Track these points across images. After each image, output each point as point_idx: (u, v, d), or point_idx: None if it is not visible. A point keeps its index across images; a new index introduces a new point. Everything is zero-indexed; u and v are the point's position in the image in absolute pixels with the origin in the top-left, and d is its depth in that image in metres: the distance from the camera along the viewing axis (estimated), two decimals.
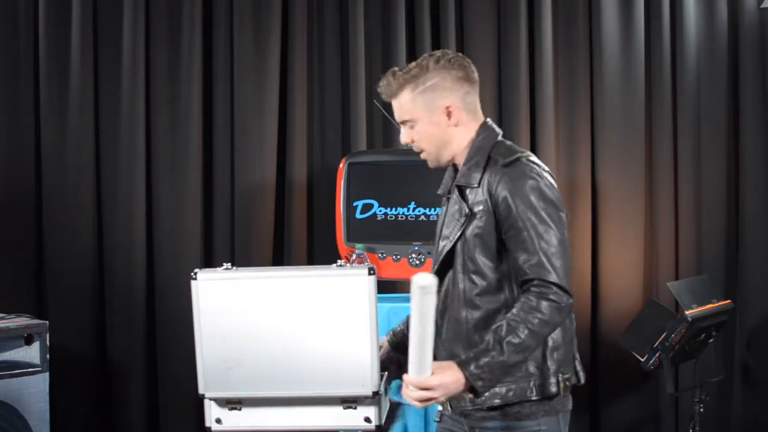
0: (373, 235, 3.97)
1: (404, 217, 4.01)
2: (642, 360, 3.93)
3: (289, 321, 2.62)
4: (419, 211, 4.00)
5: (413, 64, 2.35)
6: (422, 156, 2.38)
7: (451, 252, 2.31)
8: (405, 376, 2.15)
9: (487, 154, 2.32)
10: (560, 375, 2.26)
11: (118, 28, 4.26)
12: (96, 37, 4.28)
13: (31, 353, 3.58)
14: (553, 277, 2.17)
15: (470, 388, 2.15)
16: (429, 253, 3.88)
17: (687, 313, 3.85)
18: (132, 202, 4.26)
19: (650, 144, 4.53)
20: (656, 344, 3.89)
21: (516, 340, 2.14)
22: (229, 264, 3.61)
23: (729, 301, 4.19)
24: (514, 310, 2.18)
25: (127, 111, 4.26)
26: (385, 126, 4.40)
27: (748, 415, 4.46)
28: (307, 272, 3.05)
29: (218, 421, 3.43)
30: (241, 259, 4.17)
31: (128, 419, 4.27)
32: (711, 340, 4.11)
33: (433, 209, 3.96)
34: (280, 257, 4.39)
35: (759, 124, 4.46)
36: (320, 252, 4.37)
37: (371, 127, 4.43)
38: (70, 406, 4.18)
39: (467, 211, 2.28)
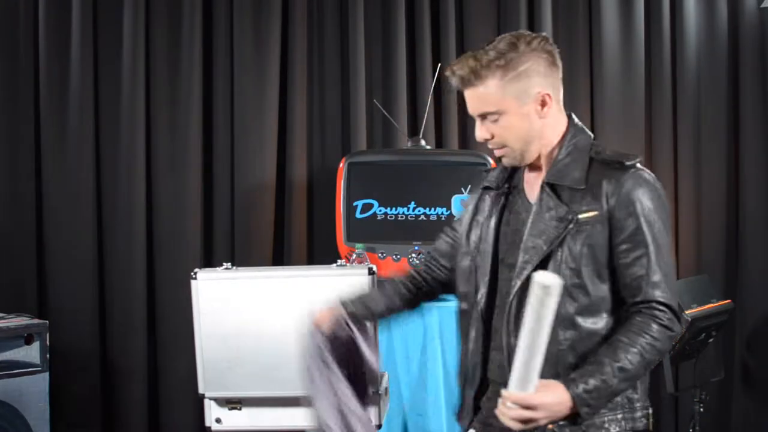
0: (373, 235, 3.96)
1: (404, 217, 4.01)
2: None
3: (289, 321, 2.62)
4: (419, 211, 3.99)
5: (500, 45, 2.04)
6: (500, 153, 2.09)
7: (545, 260, 2.00)
8: (504, 391, 1.87)
9: (588, 153, 2.08)
10: (647, 409, 2.05)
11: (118, 28, 4.26)
12: (96, 37, 4.27)
13: (31, 353, 3.58)
14: (670, 300, 1.96)
15: (573, 414, 1.89)
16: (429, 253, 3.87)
17: (687, 312, 3.85)
18: (132, 202, 4.26)
19: (650, 144, 4.53)
20: None
21: (628, 366, 1.91)
22: (229, 264, 3.62)
23: (729, 300, 4.20)
24: (626, 332, 1.94)
25: (127, 111, 4.26)
26: (385, 126, 4.40)
27: (747, 414, 4.46)
28: (307, 272, 3.06)
29: (218, 420, 3.43)
30: (241, 259, 4.16)
31: (128, 419, 4.27)
32: (711, 340, 4.11)
33: (433, 209, 3.96)
34: (280, 257, 4.38)
35: (759, 123, 4.46)
36: (320, 252, 4.37)
37: (371, 127, 4.43)
38: (70, 406, 4.18)
39: (571, 216, 1.99)
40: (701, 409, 4.01)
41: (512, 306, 2.03)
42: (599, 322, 2.00)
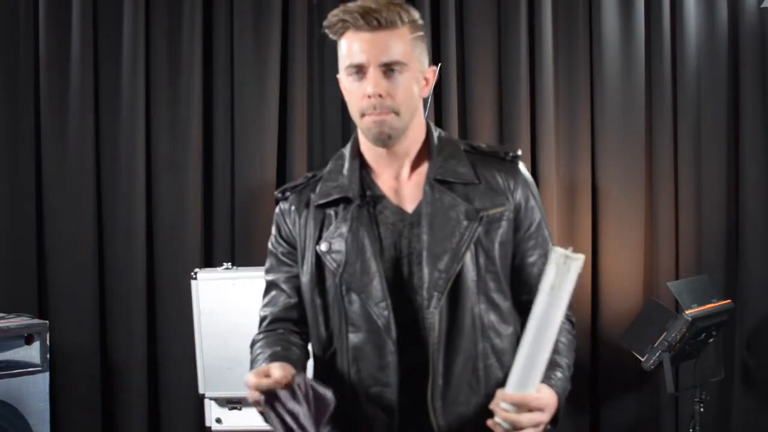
0: None
1: None
2: (642, 360, 3.94)
3: None
4: None
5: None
6: (382, 119, 1.78)
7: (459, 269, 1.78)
8: (501, 392, 1.66)
9: (459, 146, 1.90)
10: None
11: (118, 28, 4.26)
12: (96, 37, 4.27)
13: (32, 353, 3.57)
14: None
15: (554, 417, 1.74)
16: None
17: (687, 312, 3.85)
18: (132, 201, 4.26)
19: (650, 144, 4.52)
20: (656, 344, 3.89)
21: (569, 364, 1.84)
22: (229, 264, 3.63)
23: (729, 300, 4.19)
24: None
25: (127, 111, 4.26)
26: None
27: (747, 414, 4.46)
28: None
29: (218, 420, 3.44)
30: (241, 259, 4.16)
31: (128, 419, 4.27)
32: (711, 340, 4.11)
33: None
34: None
35: (759, 123, 4.46)
36: None
37: None
38: (70, 406, 4.18)
39: (480, 212, 1.81)
40: (701, 409, 4.01)
41: (439, 328, 1.76)
42: (510, 328, 1.86)
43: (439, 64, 4.24)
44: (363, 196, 1.84)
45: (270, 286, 1.97)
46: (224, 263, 3.79)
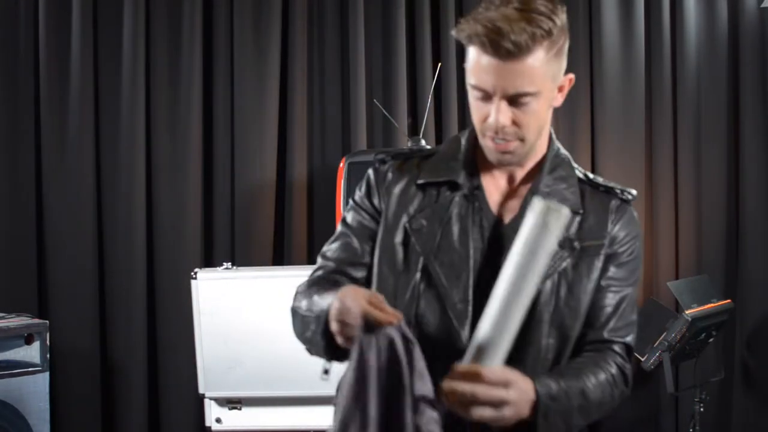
0: None
1: None
2: (642, 359, 3.94)
3: (289, 321, 2.62)
4: None
5: (540, 7, 1.62)
6: (507, 148, 1.65)
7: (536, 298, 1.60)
8: (463, 365, 1.48)
9: (575, 171, 1.76)
10: None
11: (118, 28, 4.26)
12: (96, 37, 4.27)
13: (32, 353, 3.57)
14: (633, 347, 1.76)
15: (528, 420, 1.54)
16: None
17: (687, 312, 3.85)
18: (132, 201, 4.26)
19: (650, 144, 4.53)
20: (656, 344, 3.89)
21: (590, 394, 1.63)
22: (229, 264, 3.63)
23: (729, 300, 4.20)
24: (589, 362, 1.66)
25: (127, 111, 4.26)
26: (385, 126, 4.39)
27: (748, 414, 4.46)
28: (308, 272, 3.06)
29: (218, 420, 3.44)
30: (241, 259, 4.16)
31: (128, 419, 4.27)
32: (711, 340, 4.11)
33: None
34: (280, 257, 4.38)
35: (759, 123, 4.46)
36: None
37: (371, 127, 4.43)
38: (70, 406, 4.18)
39: (573, 242, 1.66)
40: (701, 409, 4.01)
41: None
42: None
43: (439, 64, 4.25)
44: (471, 186, 1.70)
45: (342, 235, 1.79)
46: (224, 263, 3.79)
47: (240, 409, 3.37)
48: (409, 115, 4.44)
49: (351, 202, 1.84)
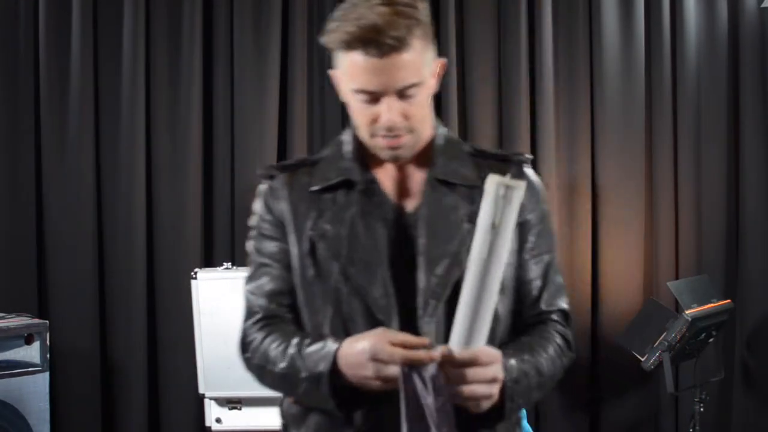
0: None
1: None
2: (642, 360, 3.93)
3: None
4: None
5: None
6: (398, 143, 1.64)
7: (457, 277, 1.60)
8: (445, 348, 1.49)
9: (464, 147, 1.76)
10: None
11: (118, 28, 4.26)
12: (96, 37, 4.27)
13: (32, 353, 3.58)
14: (570, 311, 1.76)
15: (497, 405, 1.55)
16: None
17: (687, 312, 3.85)
18: (132, 201, 4.26)
19: (650, 144, 4.52)
20: (656, 344, 3.89)
21: (544, 370, 1.64)
22: (229, 263, 3.63)
23: (729, 300, 4.20)
24: (535, 338, 1.68)
25: (127, 111, 4.26)
26: None
27: (748, 414, 4.46)
28: None
29: (218, 420, 3.44)
30: (241, 259, 4.16)
31: (128, 418, 4.26)
32: (711, 340, 4.11)
33: None
34: None
35: (759, 123, 4.46)
36: None
37: None
38: (70, 406, 4.18)
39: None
40: (701, 409, 4.01)
41: (436, 339, 1.58)
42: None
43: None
44: (366, 181, 1.69)
45: (260, 266, 1.75)
46: (224, 263, 3.79)
47: (240, 409, 3.37)
48: None
49: (253, 230, 1.81)
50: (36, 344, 3.58)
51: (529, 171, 1.77)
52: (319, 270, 1.66)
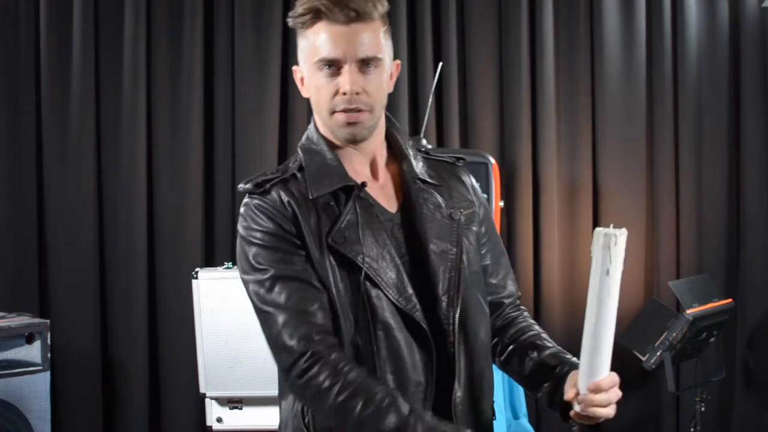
0: None
1: None
2: (643, 359, 3.93)
3: None
4: None
5: None
6: (357, 118, 1.71)
7: (460, 269, 1.74)
8: (572, 382, 1.68)
9: (410, 145, 1.86)
10: None
11: (119, 28, 4.26)
12: (97, 36, 4.27)
13: (32, 352, 3.58)
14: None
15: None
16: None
17: (688, 312, 3.85)
18: (132, 201, 4.26)
19: (651, 144, 4.53)
20: (657, 343, 3.89)
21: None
22: (230, 263, 3.62)
23: (730, 300, 4.20)
24: (535, 329, 1.86)
25: (127, 110, 4.26)
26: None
27: (748, 414, 4.46)
28: None
29: (219, 420, 3.43)
30: None
31: (129, 418, 4.27)
32: (712, 339, 4.11)
33: None
34: None
35: (760, 124, 4.46)
36: None
37: None
38: (71, 405, 4.18)
39: (458, 214, 1.78)
40: (702, 409, 4.01)
41: (455, 329, 1.71)
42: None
43: (440, 64, 4.25)
44: (359, 186, 1.73)
45: (285, 280, 1.72)
46: (225, 263, 3.79)
47: (241, 408, 3.36)
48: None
49: (259, 244, 1.83)
50: (37, 344, 3.58)
51: (465, 170, 1.89)
52: (341, 276, 1.69)
